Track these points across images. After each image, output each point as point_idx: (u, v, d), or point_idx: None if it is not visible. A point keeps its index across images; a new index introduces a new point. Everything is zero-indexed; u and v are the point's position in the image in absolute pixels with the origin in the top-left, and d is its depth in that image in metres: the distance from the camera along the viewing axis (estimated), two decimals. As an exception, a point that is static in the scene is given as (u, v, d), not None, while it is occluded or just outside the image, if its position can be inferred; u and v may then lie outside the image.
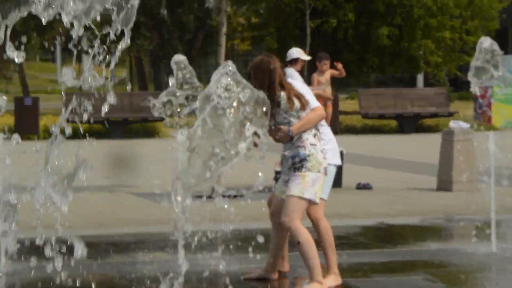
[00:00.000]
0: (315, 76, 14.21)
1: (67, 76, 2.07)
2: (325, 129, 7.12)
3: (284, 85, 6.70)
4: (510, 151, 10.56)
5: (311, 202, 6.64)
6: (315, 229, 6.94)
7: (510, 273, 7.58)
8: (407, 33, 32.87)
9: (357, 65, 34.11)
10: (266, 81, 6.68)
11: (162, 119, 23.44)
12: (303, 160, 6.61)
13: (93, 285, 6.89)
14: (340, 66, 14.63)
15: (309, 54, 26.55)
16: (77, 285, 6.85)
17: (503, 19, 35.21)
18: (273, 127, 6.69)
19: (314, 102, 6.80)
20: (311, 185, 6.60)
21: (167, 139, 22.60)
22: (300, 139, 6.65)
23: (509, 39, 48.91)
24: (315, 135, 6.71)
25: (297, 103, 6.67)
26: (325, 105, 13.04)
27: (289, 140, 6.68)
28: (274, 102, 6.64)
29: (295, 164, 6.63)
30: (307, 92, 6.84)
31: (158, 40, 30.72)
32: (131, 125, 23.15)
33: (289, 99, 6.67)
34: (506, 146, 10.78)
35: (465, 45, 34.53)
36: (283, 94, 6.68)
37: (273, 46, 32.91)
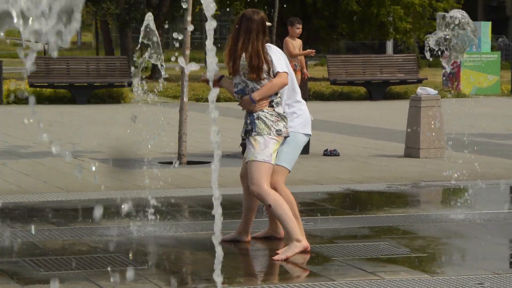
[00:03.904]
0: (289, 40, 14.06)
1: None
2: (301, 104, 7.02)
3: (254, 47, 6.63)
4: (477, 118, 10.56)
5: (268, 165, 6.62)
6: None
7: (475, 239, 7.59)
8: (376, -1, 32.76)
9: (326, 31, 33.99)
10: (241, 31, 6.64)
11: (128, 85, 23.30)
12: (252, 122, 6.69)
13: (56, 250, 6.80)
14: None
15: (278, 20, 26.36)
16: (40, 251, 6.76)
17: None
18: (238, 97, 6.74)
19: (280, 68, 6.75)
20: (263, 148, 6.65)
21: (132, 105, 22.43)
22: None
23: (478, 7, 49.00)
24: (269, 101, 6.72)
25: (255, 71, 6.65)
26: (294, 71, 12.95)
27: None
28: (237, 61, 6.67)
29: (248, 127, 6.73)
30: (276, 59, 6.77)
31: (124, 4, 30.38)
32: (97, 90, 22.92)
33: (250, 64, 6.64)
34: (474, 114, 10.77)
35: (434, 12, 34.50)
36: (243, 56, 6.66)
37: (241, 11, 32.70)
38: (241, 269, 6.63)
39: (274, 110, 6.73)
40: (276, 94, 6.78)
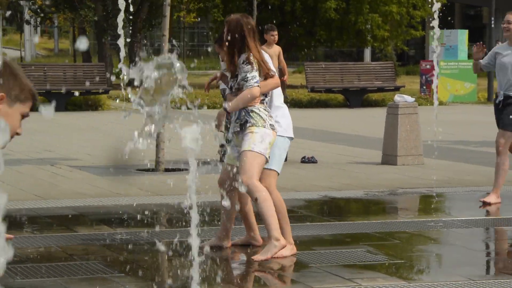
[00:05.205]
0: (264, 49, 14.12)
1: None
2: (284, 110, 7.16)
3: (252, 48, 6.79)
4: (454, 126, 10.62)
5: (263, 158, 6.67)
6: None
7: (451, 245, 7.63)
8: (354, 7, 32.91)
9: (304, 39, 34.08)
10: (238, 41, 6.76)
11: (104, 92, 23.24)
12: (246, 115, 6.75)
13: (32, 258, 6.77)
14: (285, 78, 15.13)
15: (256, 27, 26.36)
16: (16, 258, 6.72)
17: (450, -6, 35.41)
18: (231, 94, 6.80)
19: (273, 70, 7.00)
20: (260, 141, 6.69)
21: (109, 112, 22.37)
22: None
23: (455, 14, 49.32)
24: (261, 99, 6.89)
25: (257, 70, 6.81)
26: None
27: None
28: (238, 65, 6.79)
29: (241, 121, 6.77)
30: (269, 61, 7.03)
31: (102, 11, 30.32)
32: (74, 97, 22.86)
33: (253, 63, 6.78)
34: (451, 121, 10.81)
35: (412, 19, 34.68)
36: (250, 57, 6.78)
37: (219, 19, 32.72)
38: (219, 276, 6.63)
39: (265, 108, 6.82)
40: (266, 95, 6.88)
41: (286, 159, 12.68)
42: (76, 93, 22.54)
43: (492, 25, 28.30)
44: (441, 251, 7.51)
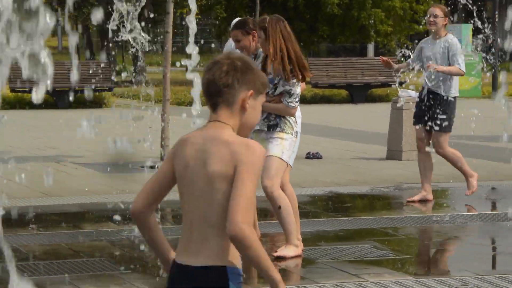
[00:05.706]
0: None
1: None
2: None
3: (291, 52, 6.72)
4: (458, 120, 10.60)
5: (286, 166, 6.72)
6: None
7: (458, 240, 7.62)
8: (357, 2, 32.88)
9: (307, 34, 34.07)
10: (275, 42, 6.67)
11: (109, 89, 23.22)
12: (277, 118, 6.73)
13: (39, 255, 6.78)
14: None
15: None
16: (23, 255, 6.73)
17: (453, -11, 35.35)
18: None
19: None
20: (287, 148, 6.75)
21: (113, 109, 22.37)
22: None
23: (458, 8, 49.28)
24: None
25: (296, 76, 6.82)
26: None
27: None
28: (277, 70, 6.71)
29: (270, 123, 6.72)
30: None
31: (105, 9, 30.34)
32: (78, 94, 22.88)
33: (299, 77, 6.77)
34: (455, 116, 10.76)
35: (415, 14, 34.65)
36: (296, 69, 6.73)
37: (222, 15, 32.71)
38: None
39: None
40: None
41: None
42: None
43: (496, 20, 28.27)
44: (447, 246, 7.51)
